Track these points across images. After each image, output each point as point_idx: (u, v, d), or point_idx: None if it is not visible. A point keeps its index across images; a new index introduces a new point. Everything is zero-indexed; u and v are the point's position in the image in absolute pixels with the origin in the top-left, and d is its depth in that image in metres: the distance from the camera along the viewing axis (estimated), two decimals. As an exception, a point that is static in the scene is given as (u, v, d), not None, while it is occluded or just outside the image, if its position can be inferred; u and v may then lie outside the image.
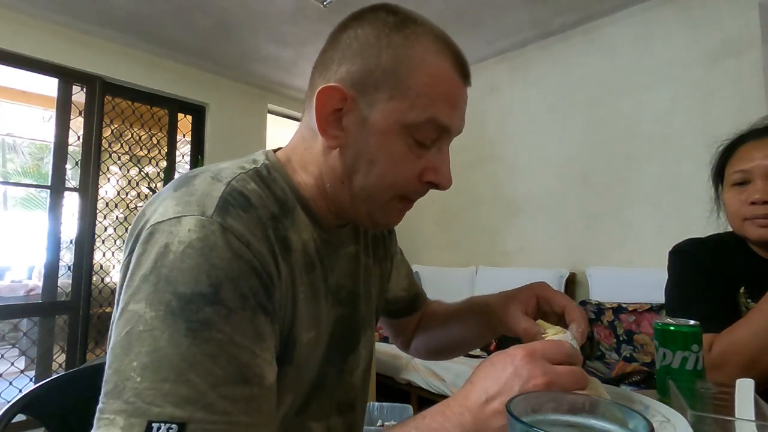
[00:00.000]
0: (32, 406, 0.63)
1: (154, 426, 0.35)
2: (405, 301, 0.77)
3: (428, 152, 0.50)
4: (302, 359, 0.49)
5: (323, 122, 0.48)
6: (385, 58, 0.47)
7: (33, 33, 2.52)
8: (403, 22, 0.48)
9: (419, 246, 3.46)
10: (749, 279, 0.85)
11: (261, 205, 0.46)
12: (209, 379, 0.37)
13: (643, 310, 2.07)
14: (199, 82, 3.22)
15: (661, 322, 0.62)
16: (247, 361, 0.40)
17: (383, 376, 2.46)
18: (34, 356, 2.57)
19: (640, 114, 2.38)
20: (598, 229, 2.51)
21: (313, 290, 0.52)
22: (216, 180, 0.46)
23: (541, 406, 0.33)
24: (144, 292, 0.39)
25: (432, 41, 0.48)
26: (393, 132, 0.48)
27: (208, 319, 0.38)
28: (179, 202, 0.43)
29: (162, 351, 0.37)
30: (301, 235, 0.51)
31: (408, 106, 0.47)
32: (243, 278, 0.41)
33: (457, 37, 0.52)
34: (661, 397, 0.60)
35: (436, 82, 0.47)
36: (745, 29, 2.06)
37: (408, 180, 0.50)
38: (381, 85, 0.47)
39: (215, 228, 0.41)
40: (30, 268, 4.66)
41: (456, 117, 0.50)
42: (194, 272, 0.39)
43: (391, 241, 0.73)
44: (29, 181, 5.67)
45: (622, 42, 2.47)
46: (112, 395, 0.37)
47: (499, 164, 2.99)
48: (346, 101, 0.48)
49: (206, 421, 0.36)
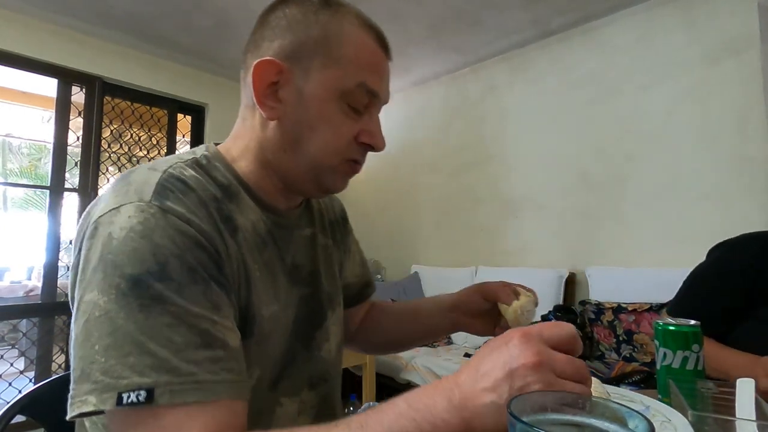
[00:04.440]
0: (32, 407, 0.63)
1: (124, 396, 0.37)
2: (356, 288, 0.78)
3: (362, 118, 0.54)
4: (264, 333, 0.51)
5: (261, 96, 0.51)
6: (315, 31, 0.51)
7: (32, 33, 2.51)
8: (328, 4, 0.52)
9: (419, 246, 3.46)
10: None
11: (201, 188, 0.48)
12: (170, 347, 0.39)
13: (642, 310, 2.07)
14: (198, 82, 3.21)
15: (662, 322, 0.62)
16: (206, 327, 0.41)
17: (383, 376, 2.46)
18: (34, 357, 2.57)
19: (639, 114, 2.38)
20: (598, 229, 2.51)
21: (269, 268, 0.54)
22: (152, 170, 0.47)
23: (541, 406, 0.33)
24: (95, 281, 0.40)
25: (355, 18, 0.53)
26: (329, 99, 0.51)
27: (159, 294, 0.40)
28: (117, 194, 0.45)
29: (121, 330, 0.38)
30: (248, 217, 0.53)
31: (341, 74, 0.50)
32: (189, 253, 0.43)
33: (457, 37, 0.54)
34: (662, 397, 0.60)
35: (363, 52, 0.52)
36: (744, 29, 2.06)
37: (348, 143, 0.53)
38: (314, 55, 0.50)
39: (154, 211, 0.43)
40: (29, 268, 4.65)
41: (383, 85, 0.54)
42: (139, 253, 0.40)
43: (346, 228, 0.76)
44: (28, 182, 5.66)
45: (622, 42, 2.47)
46: (80, 381, 0.39)
47: (499, 164, 2.99)
48: (281, 73, 0.50)
49: (173, 383, 0.38)
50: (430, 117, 3.45)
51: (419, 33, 2.71)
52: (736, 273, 0.88)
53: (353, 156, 0.55)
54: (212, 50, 2.96)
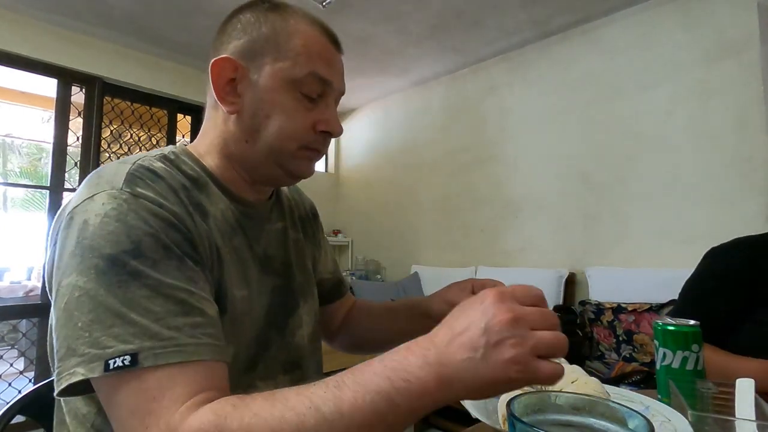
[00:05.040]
0: (31, 407, 0.62)
1: (110, 362, 0.39)
2: (330, 284, 0.79)
3: (317, 107, 0.57)
4: (237, 313, 0.53)
5: (221, 92, 0.55)
6: (265, 30, 0.55)
7: (32, 34, 2.51)
8: (277, 6, 0.57)
9: (419, 246, 3.46)
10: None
11: (170, 177, 0.51)
12: (151, 316, 0.41)
13: (642, 310, 2.07)
14: (198, 82, 3.21)
15: (662, 322, 0.62)
16: (183, 297, 0.43)
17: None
18: (33, 357, 2.57)
19: (639, 114, 2.38)
20: (598, 229, 2.51)
21: (238, 254, 0.56)
22: (122, 163, 0.50)
23: (541, 406, 0.33)
24: (72, 266, 0.42)
25: (302, 17, 0.57)
26: (281, 88, 0.55)
27: (135, 269, 0.42)
28: (89, 185, 0.47)
29: (102, 305, 0.40)
30: (218, 206, 0.56)
31: (291, 65, 0.54)
32: (162, 232, 0.45)
33: (457, 37, 0.54)
34: (662, 397, 0.60)
35: (312, 44, 0.56)
36: (743, 29, 2.06)
37: (304, 130, 0.56)
38: (265, 51, 0.55)
39: (126, 197, 0.45)
40: (29, 269, 4.65)
41: (335, 75, 0.58)
42: (114, 235, 0.43)
43: (316, 224, 0.79)
44: (28, 182, 5.66)
45: (621, 42, 2.47)
46: (66, 357, 0.40)
47: (499, 164, 2.99)
48: (237, 70, 0.55)
49: (155, 348, 0.40)
50: (430, 117, 3.45)
51: (419, 33, 2.71)
52: (731, 275, 0.89)
53: (312, 144, 0.58)
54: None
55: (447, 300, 0.65)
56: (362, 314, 0.82)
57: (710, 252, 0.96)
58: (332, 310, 0.81)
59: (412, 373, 0.36)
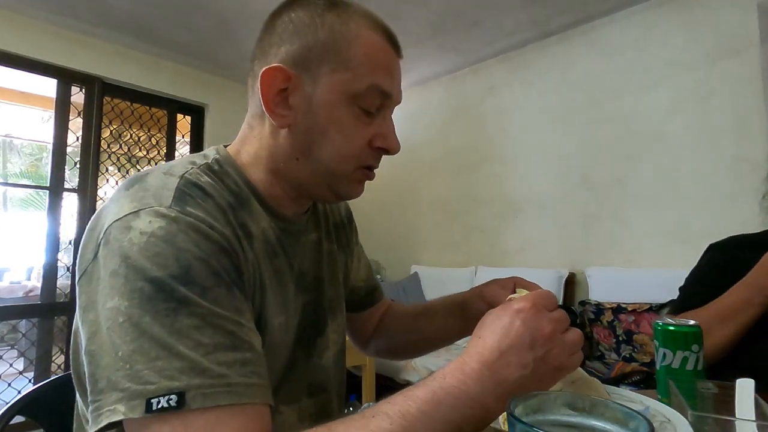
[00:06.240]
0: (31, 408, 0.62)
1: (154, 402, 0.35)
2: (364, 292, 0.76)
3: (374, 121, 0.52)
4: (274, 343, 0.51)
5: (270, 103, 0.49)
6: (323, 34, 0.49)
7: (32, 34, 2.51)
8: (334, 4, 0.51)
9: (419, 246, 3.46)
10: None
11: (217, 195, 0.47)
12: (199, 350, 0.37)
13: (642, 310, 2.07)
14: (198, 82, 3.21)
15: (661, 322, 0.62)
16: (232, 329, 0.40)
17: (383, 376, 2.45)
18: (33, 357, 2.56)
19: (639, 114, 2.38)
20: (598, 229, 2.51)
21: (278, 276, 0.53)
22: (169, 175, 0.46)
23: (541, 406, 0.33)
24: (116, 287, 0.38)
25: (363, 18, 0.51)
26: (339, 103, 0.49)
27: (184, 296, 0.38)
28: (134, 198, 0.43)
29: (146, 334, 0.36)
30: (260, 224, 0.52)
31: (351, 77, 0.49)
32: (213, 257, 0.41)
33: (457, 37, 0.54)
34: (662, 397, 0.60)
35: (373, 52, 0.50)
36: (743, 30, 2.06)
37: (361, 148, 0.52)
38: (322, 59, 0.49)
39: (175, 215, 0.41)
40: (29, 269, 4.65)
41: (395, 85, 0.53)
42: (162, 258, 0.39)
43: (351, 230, 0.75)
44: (27, 182, 5.66)
45: (621, 42, 2.47)
46: (106, 391, 0.36)
47: (499, 164, 2.99)
48: (290, 80, 0.49)
49: (204, 386, 0.36)
50: (430, 117, 3.45)
51: (419, 33, 2.71)
52: (730, 265, 0.89)
53: (367, 162, 0.53)
54: (212, 50, 2.96)
55: (487, 299, 0.64)
56: (397, 317, 0.80)
57: (711, 246, 0.97)
58: (365, 317, 0.78)
59: (474, 400, 0.38)
